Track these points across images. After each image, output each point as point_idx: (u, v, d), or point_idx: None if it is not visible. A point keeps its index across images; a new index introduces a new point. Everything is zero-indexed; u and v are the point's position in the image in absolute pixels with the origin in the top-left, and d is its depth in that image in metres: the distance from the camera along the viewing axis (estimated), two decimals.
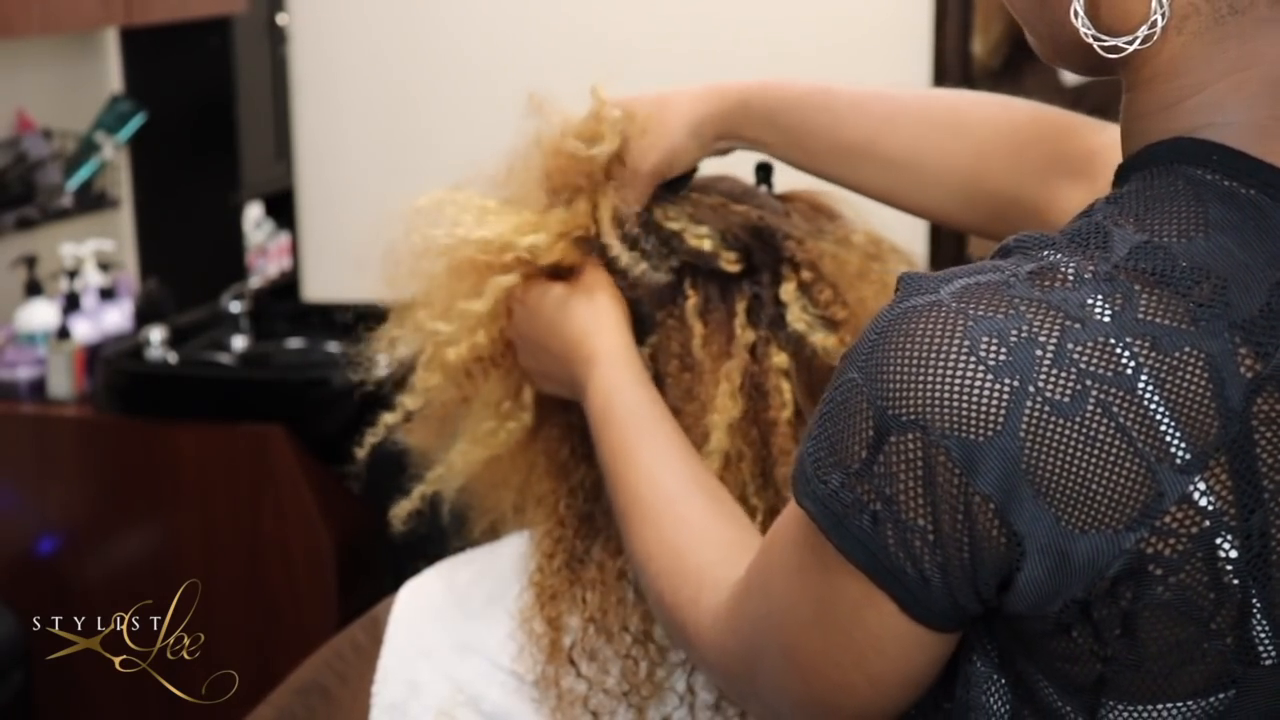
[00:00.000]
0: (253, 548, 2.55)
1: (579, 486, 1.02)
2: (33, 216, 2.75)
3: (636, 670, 0.99)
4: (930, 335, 0.63)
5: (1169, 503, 0.61)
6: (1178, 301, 0.62)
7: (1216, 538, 0.62)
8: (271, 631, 2.56)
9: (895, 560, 0.65)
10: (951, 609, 0.66)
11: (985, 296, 0.63)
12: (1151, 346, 0.61)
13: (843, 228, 1.07)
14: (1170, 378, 0.61)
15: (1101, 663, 0.65)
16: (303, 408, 2.59)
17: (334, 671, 1.09)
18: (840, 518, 0.65)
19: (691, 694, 1.01)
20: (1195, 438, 0.61)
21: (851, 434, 0.65)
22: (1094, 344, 0.61)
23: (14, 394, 2.65)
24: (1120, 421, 0.61)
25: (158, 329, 2.70)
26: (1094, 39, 0.68)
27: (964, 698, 0.70)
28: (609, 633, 0.99)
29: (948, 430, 0.62)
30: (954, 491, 0.62)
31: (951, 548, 0.63)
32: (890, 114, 1.01)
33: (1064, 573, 0.62)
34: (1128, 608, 0.63)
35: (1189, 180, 0.65)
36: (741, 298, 1.01)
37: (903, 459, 0.63)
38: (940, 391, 0.62)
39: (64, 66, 2.96)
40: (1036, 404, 0.61)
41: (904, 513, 0.64)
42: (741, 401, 0.98)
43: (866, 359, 0.65)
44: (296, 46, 3.27)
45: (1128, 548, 0.61)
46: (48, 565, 2.61)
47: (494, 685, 1.02)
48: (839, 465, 0.65)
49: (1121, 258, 0.63)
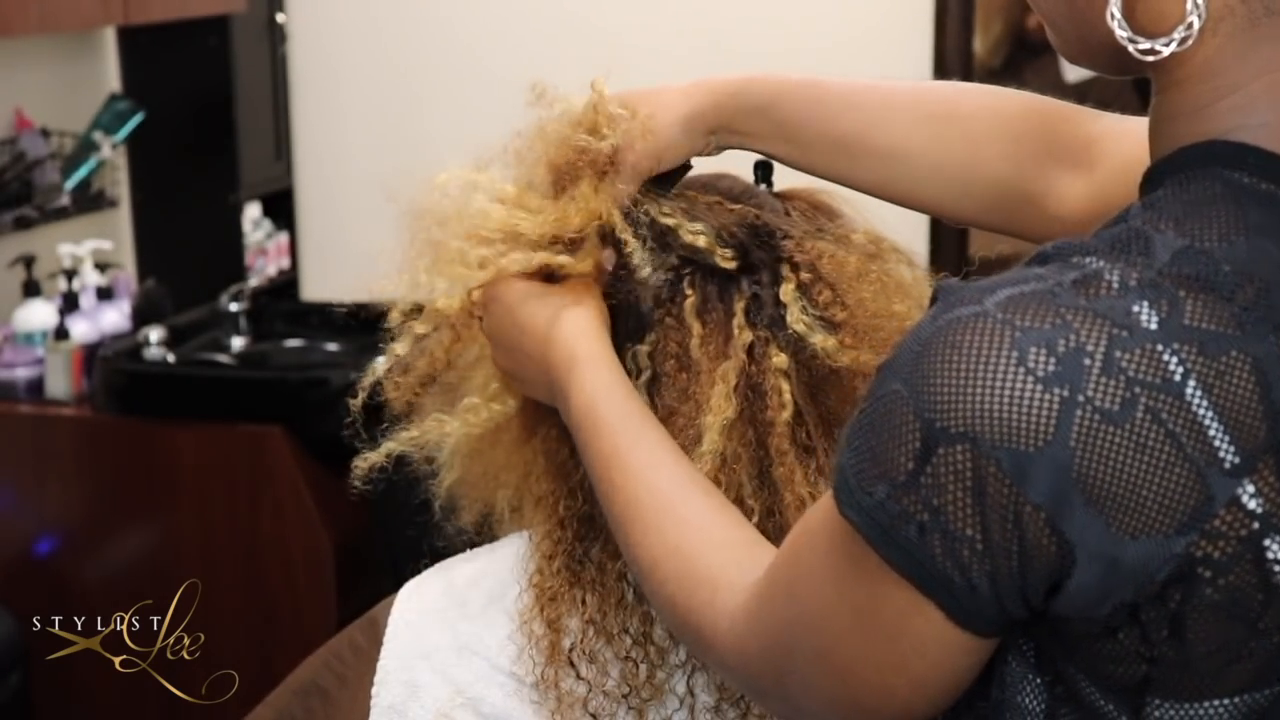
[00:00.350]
0: (251, 548, 2.55)
1: (578, 488, 1.02)
2: (30, 216, 2.74)
3: (636, 672, 0.99)
4: (977, 346, 0.63)
5: (1218, 506, 0.62)
6: (1222, 306, 0.62)
7: (1265, 539, 0.62)
8: (270, 631, 2.55)
9: (943, 569, 0.65)
10: (998, 615, 0.66)
11: (1031, 306, 0.63)
12: (1199, 352, 0.62)
13: (842, 226, 1.07)
14: (1218, 382, 0.62)
15: (1148, 663, 0.65)
16: (301, 408, 2.59)
17: (333, 673, 1.08)
18: (886, 529, 0.66)
19: (691, 696, 1.01)
20: (1243, 441, 0.62)
21: (897, 445, 0.65)
22: (1141, 351, 0.62)
23: (12, 394, 2.65)
24: (1169, 428, 0.61)
25: (156, 329, 2.70)
26: (1129, 41, 0.68)
27: (999, 698, 0.70)
28: (608, 634, 0.99)
29: (998, 441, 0.62)
30: (1004, 502, 0.63)
31: (1000, 557, 0.64)
32: (882, 105, 1.00)
33: (1114, 578, 0.63)
34: (1176, 609, 0.63)
35: (1226, 183, 0.66)
36: (740, 297, 1.01)
37: (952, 471, 0.63)
38: (990, 403, 0.62)
39: (62, 66, 2.95)
40: (1086, 413, 0.62)
41: (952, 523, 0.64)
42: (736, 402, 0.97)
43: (911, 371, 0.65)
44: (296, 46, 3.27)
45: (1178, 551, 0.62)
46: (46, 566, 2.61)
47: (493, 687, 1.02)
48: (883, 476, 0.65)
49: (1164, 263, 0.64)
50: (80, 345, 2.67)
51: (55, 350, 2.63)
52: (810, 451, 0.99)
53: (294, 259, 3.34)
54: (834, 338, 0.99)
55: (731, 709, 1.01)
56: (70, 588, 2.59)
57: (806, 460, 0.99)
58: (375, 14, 3.27)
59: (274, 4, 3.20)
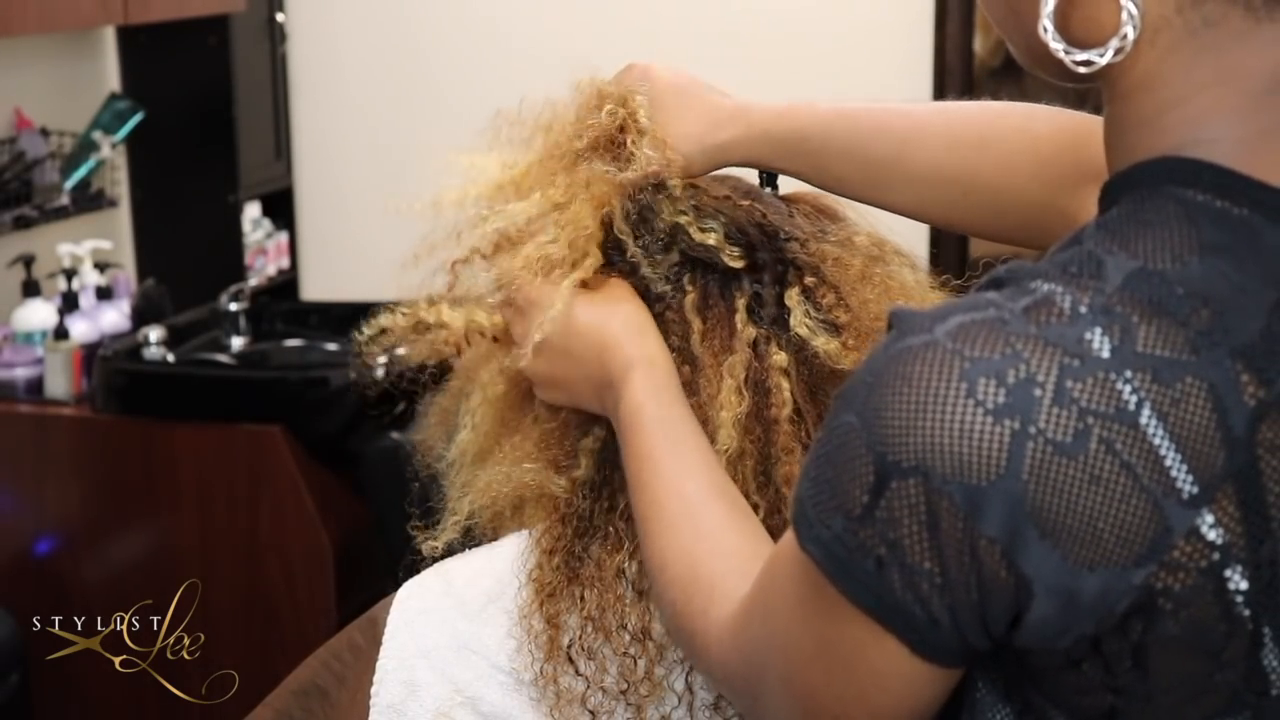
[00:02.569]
0: (251, 548, 2.55)
1: (579, 484, 1.02)
2: (30, 216, 2.74)
3: (635, 668, 0.99)
4: (927, 378, 0.62)
5: (1177, 537, 0.61)
6: (1176, 331, 0.61)
7: (1226, 569, 0.61)
8: (270, 632, 2.55)
9: (903, 603, 0.64)
10: (961, 647, 0.65)
11: (981, 335, 0.62)
12: (1153, 379, 0.61)
13: (845, 229, 1.07)
14: (1173, 410, 0.60)
15: (1112, 694, 0.64)
16: (301, 407, 2.59)
17: (332, 673, 1.08)
18: (845, 562, 0.65)
19: (690, 693, 1.01)
20: (1201, 470, 0.61)
21: (851, 479, 0.64)
22: (1094, 380, 0.61)
23: (11, 394, 2.65)
24: (1124, 458, 0.60)
25: (156, 329, 2.70)
26: (1065, 52, 0.67)
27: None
28: (607, 631, 0.99)
29: (949, 475, 0.61)
30: (959, 536, 0.62)
31: (960, 590, 0.63)
32: (913, 131, 1.00)
33: (1073, 610, 0.62)
34: (1138, 641, 0.62)
35: (1179, 201, 0.64)
36: (741, 295, 1.01)
37: (905, 505, 0.62)
38: (940, 437, 0.61)
39: (61, 65, 2.95)
40: (1038, 445, 0.60)
41: (910, 557, 0.63)
42: (748, 397, 0.98)
43: (864, 403, 0.64)
44: (295, 45, 3.27)
45: (1137, 583, 0.61)
46: (45, 566, 2.61)
47: (492, 685, 1.02)
48: (840, 509, 0.65)
49: (1116, 287, 0.62)
50: (80, 345, 2.67)
51: (55, 350, 2.63)
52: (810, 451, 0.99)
53: (294, 259, 3.35)
54: (836, 340, 0.99)
55: (730, 706, 1.01)
56: (70, 588, 2.59)
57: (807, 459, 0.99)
58: (375, 14, 3.27)
59: (274, 4, 3.20)
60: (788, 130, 1.01)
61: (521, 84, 1.06)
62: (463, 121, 1.09)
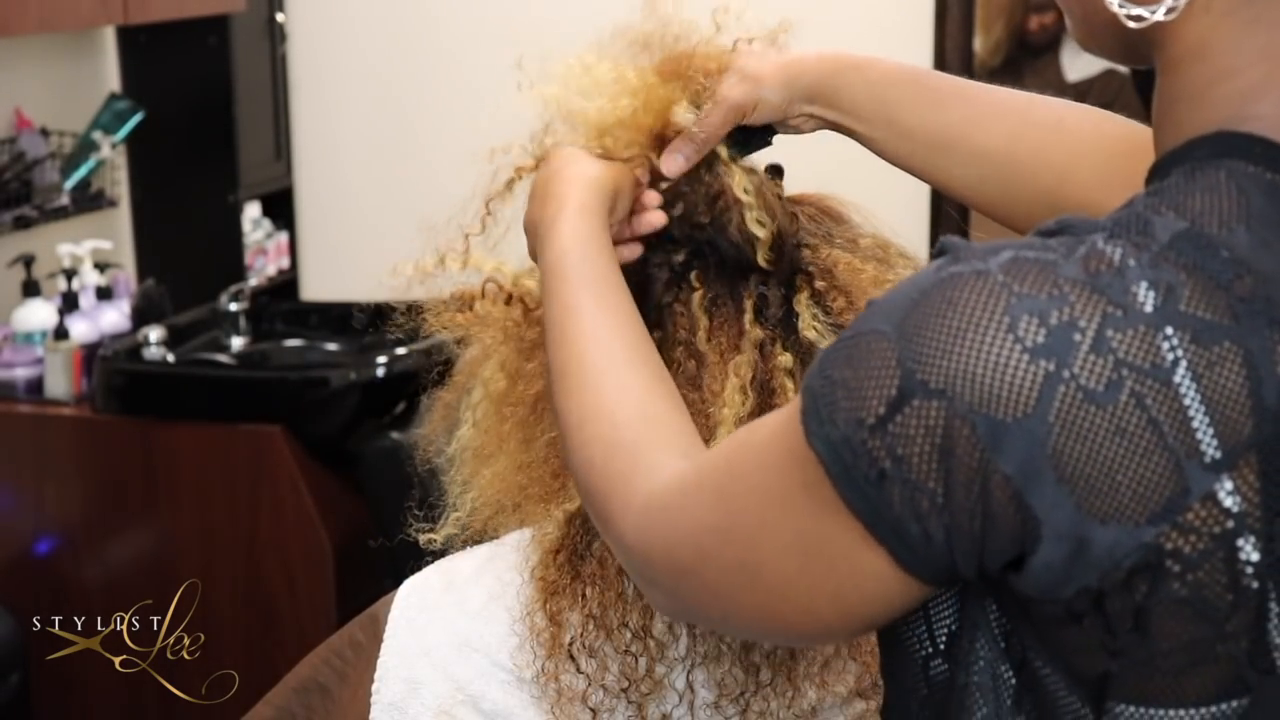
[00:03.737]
0: (251, 548, 2.55)
1: None
2: (30, 216, 2.74)
3: (636, 666, 0.99)
4: (972, 306, 0.62)
5: (1193, 499, 0.61)
6: (1219, 294, 0.61)
7: (1239, 539, 0.61)
8: (270, 631, 2.55)
9: (899, 518, 0.64)
10: (948, 568, 0.66)
11: (1032, 273, 0.63)
12: (1192, 339, 0.61)
13: (850, 231, 1.07)
14: (1208, 373, 0.61)
15: (1110, 656, 0.64)
16: (301, 408, 2.59)
17: (333, 670, 1.09)
18: (848, 467, 0.65)
19: (691, 692, 1.01)
20: (1227, 435, 0.61)
21: (872, 386, 0.64)
22: (1134, 333, 0.61)
23: (11, 394, 2.65)
24: (1153, 414, 0.61)
25: (156, 329, 2.70)
26: (1119, 6, 0.68)
27: (964, 681, 0.70)
28: (608, 629, 0.99)
29: (976, 405, 0.62)
30: (973, 465, 0.62)
31: (962, 516, 0.63)
32: (992, 104, 0.99)
33: (1080, 560, 0.62)
34: (1142, 602, 0.62)
35: (1231, 172, 0.65)
36: (749, 296, 1.01)
37: (923, 424, 0.63)
38: (974, 366, 0.62)
39: (61, 65, 2.95)
40: (1070, 389, 0.61)
41: (915, 474, 0.63)
42: (752, 397, 0.98)
43: (904, 317, 0.64)
44: (295, 45, 3.27)
45: (1147, 541, 0.61)
46: (45, 565, 2.61)
47: (494, 683, 1.02)
48: (853, 413, 0.65)
49: (1163, 245, 0.63)
50: (80, 345, 2.67)
51: (55, 350, 2.63)
52: None
53: (294, 259, 3.34)
54: None
55: (730, 705, 1.01)
56: (70, 588, 2.59)
57: None
58: (375, 14, 3.27)
59: (274, 4, 3.20)
60: (870, 72, 0.99)
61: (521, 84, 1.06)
62: (463, 121, 1.10)
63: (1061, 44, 2.91)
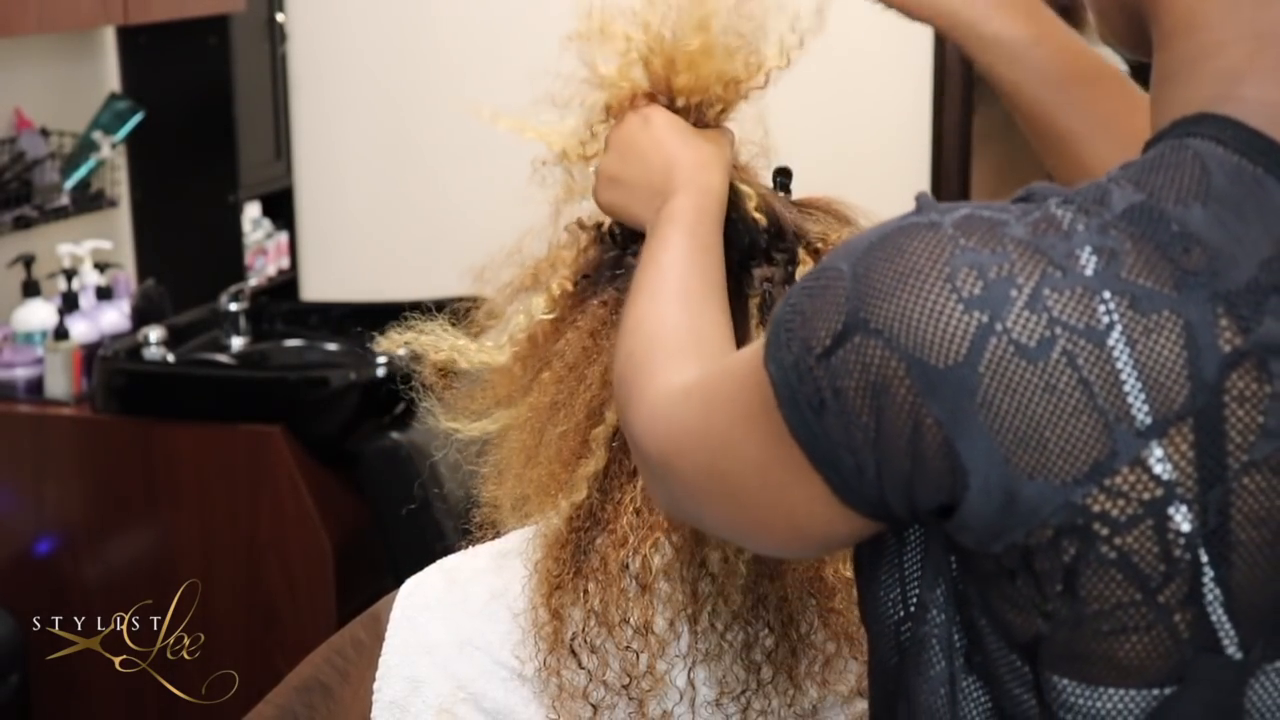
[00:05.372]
0: (251, 548, 2.55)
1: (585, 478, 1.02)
2: (30, 216, 2.74)
3: (637, 663, 0.99)
4: (918, 255, 0.64)
5: (1121, 463, 0.61)
6: (1164, 265, 0.62)
7: (1169, 507, 0.62)
8: (270, 631, 2.55)
9: (834, 447, 0.67)
10: (880, 502, 0.68)
11: (980, 230, 0.64)
12: (1130, 305, 0.62)
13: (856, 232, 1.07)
14: (1144, 339, 0.61)
15: (1042, 617, 0.65)
16: (301, 408, 2.59)
17: (335, 669, 1.09)
18: (794, 392, 0.68)
19: (692, 689, 1.01)
20: (1159, 403, 0.61)
21: (823, 318, 0.66)
22: (1071, 293, 0.62)
23: (11, 394, 2.65)
24: (1084, 374, 0.61)
25: (156, 329, 2.70)
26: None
27: (919, 632, 0.71)
28: (610, 625, 0.99)
29: (911, 349, 0.63)
30: (906, 407, 0.64)
31: (892, 453, 0.65)
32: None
33: (1008, 514, 0.63)
34: (1070, 563, 0.63)
35: (1199, 153, 0.65)
36: (754, 295, 1.02)
37: (860, 360, 0.65)
38: (911, 311, 0.63)
39: (61, 65, 2.95)
40: (1001, 342, 0.62)
41: (850, 407, 0.65)
42: None
43: (858, 258, 0.66)
44: (295, 45, 3.27)
45: (1074, 501, 0.62)
46: (46, 565, 2.61)
47: (495, 682, 1.02)
48: (804, 342, 0.67)
49: (1116, 215, 0.64)
50: (80, 345, 2.67)
51: (55, 350, 2.63)
52: None
53: (293, 259, 3.35)
54: None
55: (731, 703, 1.01)
56: (70, 588, 2.59)
57: None
58: (375, 14, 3.27)
59: (274, 4, 3.20)
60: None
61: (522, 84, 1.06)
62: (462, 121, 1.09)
63: None
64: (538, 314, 1.06)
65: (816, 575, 1.02)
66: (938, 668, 0.70)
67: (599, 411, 1.02)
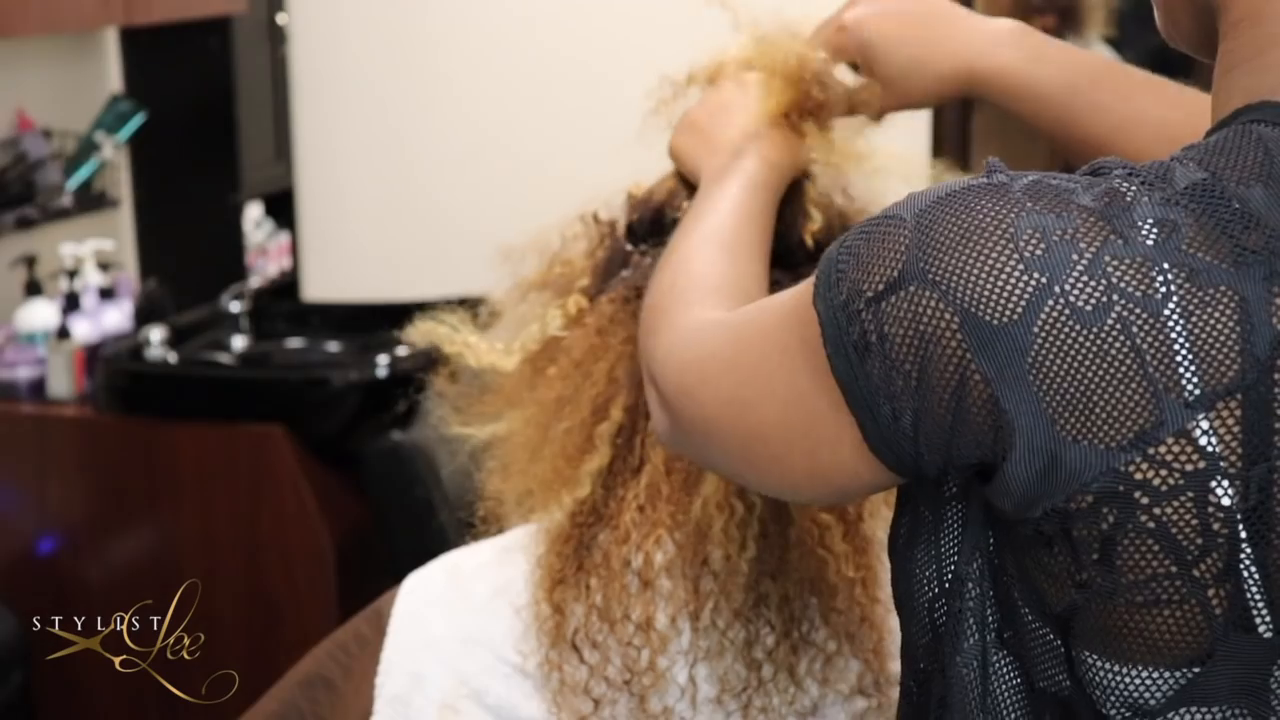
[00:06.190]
0: (252, 548, 2.55)
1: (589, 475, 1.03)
2: (32, 216, 2.74)
3: (638, 659, 0.99)
4: (984, 213, 0.65)
5: (1167, 433, 0.61)
6: (1224, 241, 0.62)
7: (1211, 480, 0.62)
8: (270, 631, 2.55)
9: (872, 392, 0.67)
10: (911, 455, 0.68)
11: (1048, 195, 0.65)
12: (1188, 278, 0.62)
13: None
14: (1199, 311, 0.62)
15: (1077, 588, 0.65)
16: (302, 408, 2.59)
17: (338, 664, 1.09)
18: (839, 333, 0.68)
19: (693, 686, 1.01)
20: (1209, 376, 0.61)
21: (879, 264, 0.67)
22: (1131, 262, 0.62)
23: (14, 394, 2.65)
24: (1137, 342, 0.62)
25: (157, 329, 2.70)
26: None
27: (960, 606, 0.71)
28: (611, 621, 0.99)
29: (966, 304, 0.64)
30: (954, 361, 0.64)
31: (933, 405, 0.65)
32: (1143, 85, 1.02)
33: (1050, 477, 0.63)
34: (1108, 532, 0.63)
35: (1262, 137, 0.66)
36: None
37: (913, 309, 0.65)
38: (971, 266, 0.64)
39: (64, 66, 2.96)
40: (1059, 305, 0.62)
41: (895, 354, 0.66)
42: None
43: (922, 210, 0.67)
44: (296, 46, 3.27)
45: (1117, 468, 0.62)
46: (47, 565, 2.61)
47: (497, 677, 1.02)
48: (855, 284, 0.67)
49: (1178, 191, 0.64)
50: (82, 345, 2.67)
51: (57, 350, 2.63)
52: None
53: (295, 259, 3.35)
54: None
55: (732, 700, 1.01)
56: (71, 587, 2.59)
57: None
58: (375, 15, 3.27)
59: (274, 5, 3.20)
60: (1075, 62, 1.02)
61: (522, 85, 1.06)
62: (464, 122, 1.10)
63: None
64: (553, 328, 1.06)
65: (818, 575, 1.02)
66: (971, 640, 0.70)
67: (604, 408, 1.02)
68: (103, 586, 2.59)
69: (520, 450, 1.07)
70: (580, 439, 1.03)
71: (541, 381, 1.06)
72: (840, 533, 1.01)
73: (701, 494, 1.00)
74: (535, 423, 1.06)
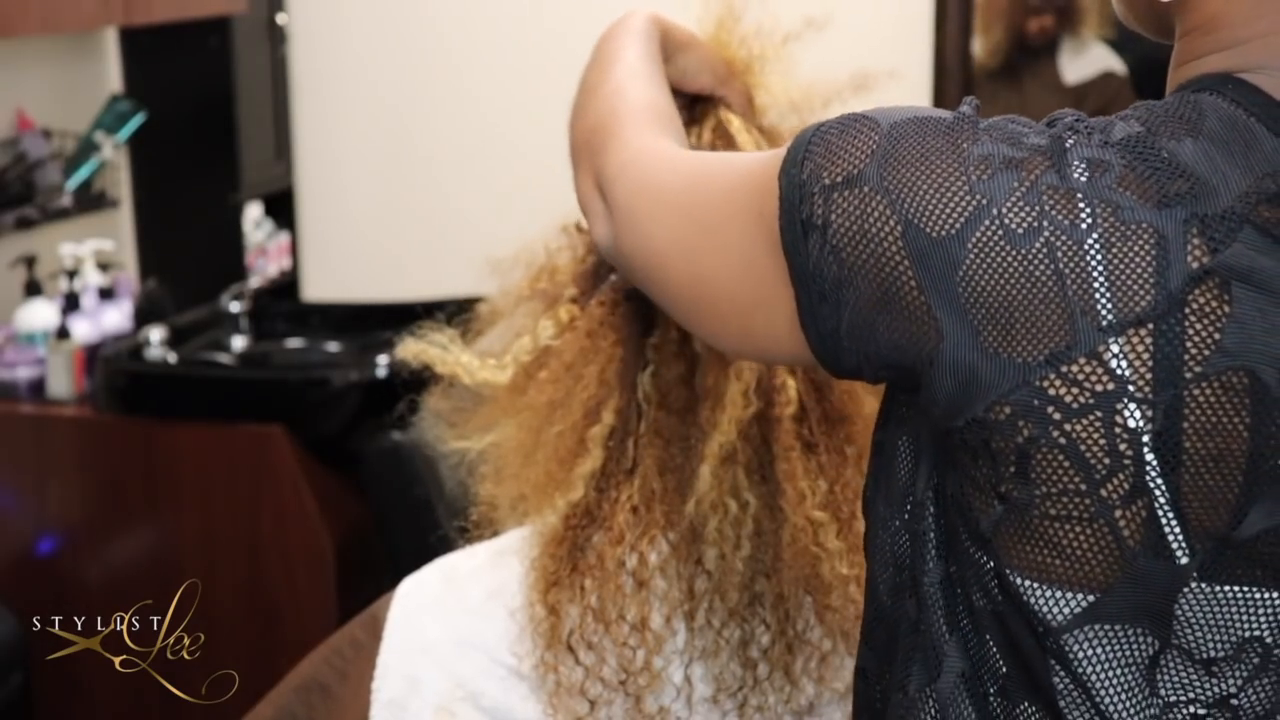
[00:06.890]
0: (252, 548, 2.55)
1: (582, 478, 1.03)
2: (32, 216, 2.75)
3: (633, 659, 0.99)
4: (943, 137, 0.69)
5: (1079, 353, 0.65)
6: (1150, 185, 0.66)
7: (1118, 402, 0.65)
8: (270, 631, 2.56)
9: (811, 269, 0.71)
10: (833, 342, 0.72)
11: (1002, 130, 0.69)
12: (1112, 213, 0.66)
13: None
14: (1119, 244, 0.65)
15: (998, 499, 0.68)
16: (302, 408, 2.59)
17: (334, 668, 1.09)
18: (793, 208, 0.72)
19: (689, 685, 1.01)
20: (1123, 304, 0.65)
21: (844, 157, 0.71)
22: (1064, 194, 0.67)
23: (13, 394, 2.65)
24: (1059, 266, 0.66)
25: (157, 329, 2.70)
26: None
27: (915, 528, 0.75)
28: (606, 621, 1.00)
29: (909, 214, 0.68)
30: (890, 263, 0.68)
31: (862, 298, 0.70)
32: None
33: (971, 387, 0.67)
34: (1023, 445, 0.67)
35: (1198, 101, 0.70)
36: None
37: (860, 207, 0.69)
38: (921, 182, 0.68)
39: (63, 66, 2.96)
40: (994, 225, 0.67)
41: (834, 240, 0.70)
42: (755, 402, 0.98)
43: (896, 124, 0.71)
44: (296, 46, 3.27)
45: (1032, 382, 0.66)
46: (47, 565, 2.61)
47: (493, 680, 1.02)
48: (818, 169, 0.71)
49: (1116, 141, 0.68)
50: (81, 345, 2.67)
51: (57, 350, 2.63)
52: (812, 448, 1.00)
53: (295, 259, 3.35)
54: None
55: (728, 700, 1.01)
56: (71, 587, 2.59)
57: (808, 456, 0.99)
58: (375, 15, 3.27)
59: (274, 5, 3.20)
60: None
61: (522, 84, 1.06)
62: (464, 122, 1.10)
63: (1060, 46, 2.92)
64: (544, 339, 1.06)
65: (813, 573, 1.02)
66: (933, 564, 0.73)
67: (595, 411, 1.03)
68: (102, 586, 2.59)
69: (513, 454, 1.07)
70: (572, 442, 1.03)
71: (532, 386, 1.06)
72: (834, 530, 1.01)
73: (695, 494, 1.00)
74: (527, 427, 1.06)
